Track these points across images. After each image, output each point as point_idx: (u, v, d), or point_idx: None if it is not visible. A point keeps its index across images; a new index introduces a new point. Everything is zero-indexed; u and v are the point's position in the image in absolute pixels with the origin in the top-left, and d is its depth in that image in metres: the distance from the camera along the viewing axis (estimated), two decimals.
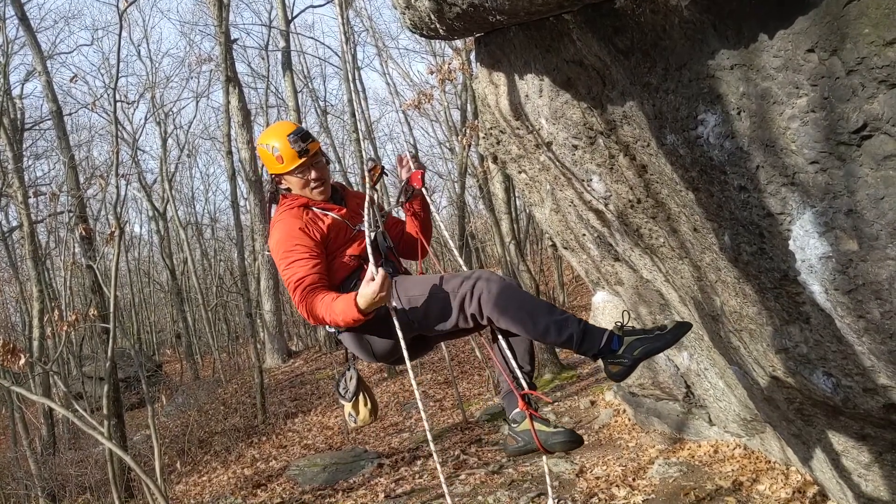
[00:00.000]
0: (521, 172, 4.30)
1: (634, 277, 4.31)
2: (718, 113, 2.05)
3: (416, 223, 2.64)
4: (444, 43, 13.89)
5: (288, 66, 16.19)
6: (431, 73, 10.26)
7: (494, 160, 4.51)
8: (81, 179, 14.26)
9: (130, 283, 24.00)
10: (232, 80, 14.59)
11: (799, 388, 2.71)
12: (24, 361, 5.15)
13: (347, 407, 2.62)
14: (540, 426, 2.23)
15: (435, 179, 20.70)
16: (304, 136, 2.37)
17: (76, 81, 23.71)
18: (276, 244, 2.31)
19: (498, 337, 2.38)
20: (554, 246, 9.49)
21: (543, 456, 2.35)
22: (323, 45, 27.75)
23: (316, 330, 18.89)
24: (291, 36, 17.71)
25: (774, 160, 1.94)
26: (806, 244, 2.02)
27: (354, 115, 15.42)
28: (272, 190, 2.50)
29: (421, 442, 7.88)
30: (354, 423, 2.63)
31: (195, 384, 16.04)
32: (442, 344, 5.48)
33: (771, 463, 4.71)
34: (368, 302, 2.05)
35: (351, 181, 18.87)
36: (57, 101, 11.23)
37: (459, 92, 16.18)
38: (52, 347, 12.32)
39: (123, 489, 7.36)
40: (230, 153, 14.33)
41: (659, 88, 2.23)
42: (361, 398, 2.60)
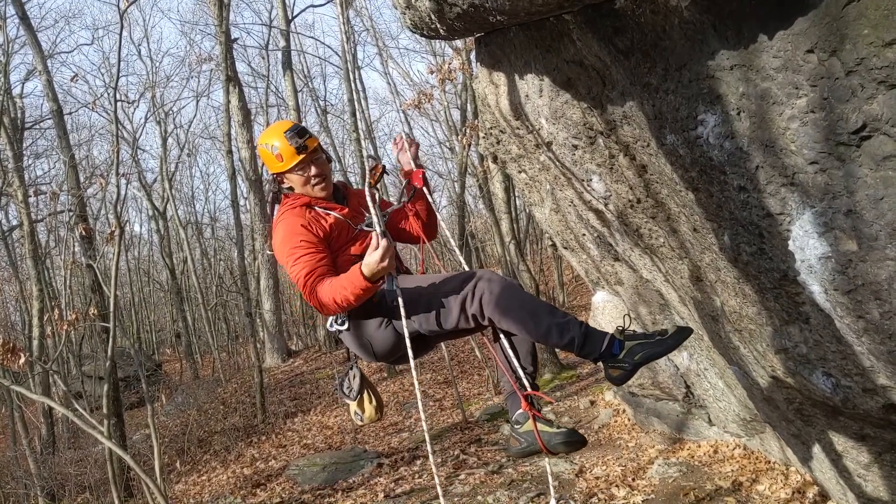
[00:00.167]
0: (521, 172, 4.30)
1: (634, 277, 4.31)
2: (718, 113, 2.05)
3: (417, 222, 2.64)
4: (444, 43, 13.89)
5: (288, 65, 16.19)
6: (431, 72, 10.26)
7: (494, 160, 4.51)
8: (81, 178, 14.27)
9: (130, 282, 24.01)
10: (232, 79, 14.59)
11: (798, 388, 2.71)
12: (23, 360, 5.15)
13: (353, 405, 2.62)
14: (543, 427, 2.23)
15: (435, 179, 20.69)
16: (300, 132, 2.37)
17: (76, 81, 23.75)
18: (279, 243, 2.30)
19: (500, 337, 2.37)
20: (554, 246, 9.49)
21: (545, 456, 2.36)
22: (323, 44, 27.79)
23: (316, 329, 18.88)
24: (292, 35, 17.71)
25: (774, 160, 1.94)
26: (805, 244, 2.02)
27: (354, 114, 15.46)
28: (274, 190, 2.50)
29: (420, 441, 7.88)
30: (361, 420, 2.63)
31: (195, 383, 16.05)
32: (441, 343, 5.48)
33: (771, 463, 4.72)
34: (372, 269, 2.05)
35: (351, 181, 18.86)
36: (57, 100, 11.25)
37: (459, 92, 16.18)
38: (51, 346, 12.32)
39: (123, 488, 7.36)
40: (230, 152, 14.33)
41: (659, 89, 2.23)
42: (366, 396, 2.60)
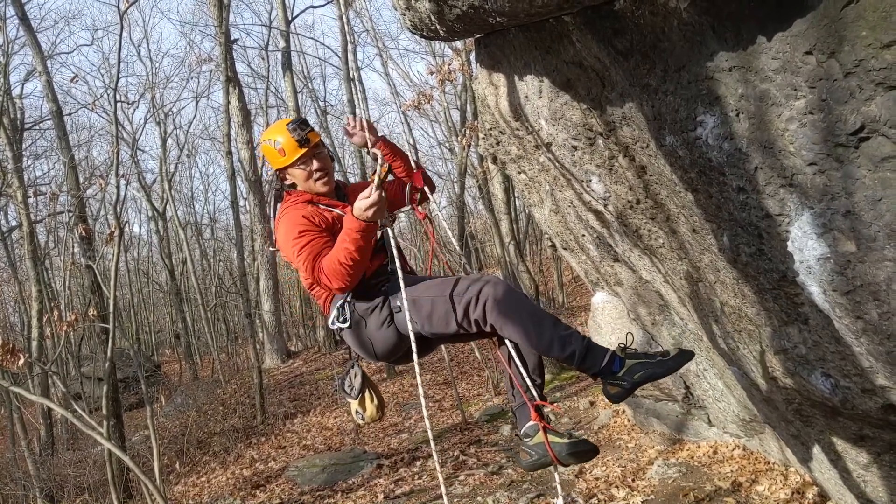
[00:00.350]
0: (520, 173, 4.30)
1: (634, 278, 4.31)
2: (717, 114, 2.06)
3: (405, 179, 2.64)
4: (443, 44, 13.90)
5: (288, 66, 16.18)
6: (431, 73, 10.28)
7: (494, 161, 4.51)
8: (81, 179, 14.27)
9: (129, 283, 24.01)
10: (232, 80, 14.59)
11: (798, 388, 2.71)
12: (22, 361, 5.16)
13: (354, 404, 2.62)
14: (554, 438, 2.22)
15: (435, 180, 20.68)
16: (302, 123, 2.39)
17: (76, 81, 23.75)
18: (283, 237, 2.29)
19: (505, 343, 2.36)
20: (553, 246, 9.49)
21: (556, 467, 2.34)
22: (323, 45, 27.74)
23: (315, 331, 18.88)
24: (291, 36, 17.69)
25: (773, 161, 1.95)
26: (804, 245, 2.02)
27: (354, 115, 15.43)
28: (276, 188, 2.51)
29: (420, 442, 7.87)
30: (362, 420, 2.63)
31: (194, 384, 16.04)
32: (441, 345, 5.48)
33: (770, 464, 4.72)
34: (359, 211, 2.07)
35: (351, 181, 18.83)
36: (57, 100, 11.24)
37: (459, 92, 16.20)
38: (50, 347, 12.32)
39: (122, 490, 7.36)
40: (230, 153, 14.34)
41: (658, 90, 2.24)
42: (367, 395, 2.60)
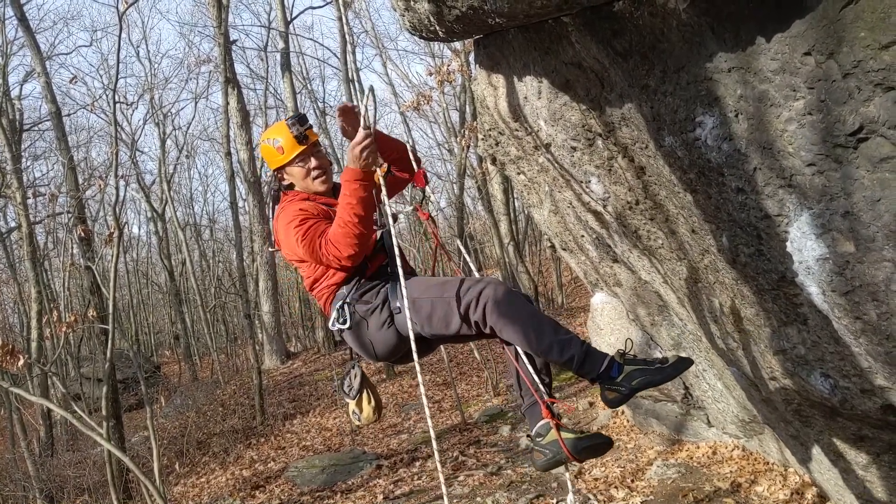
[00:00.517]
0: (519, 174, 4.31)
1: (633, 279, 4.31)
2: (716, 115, 2.06)
3: (399, 164, 2.58)
4: (443, 45, 13.90)
5: (287, 67, 16.19)
6: (430, 74, 10.27)
7: (493, 161, 4.52)
8: (80, 180, 14.28)
9: (129, 284, 23.98)
10: (231, 81, 14.58)
11: (797, 389, 2.71)
12: (22, 363, 5.16)
13: (351, 405, 2.63)
14: (567, 435, 2.23)
15: (434, 181, 20.72)
16: (301, 119, 2.41)
17: (75, 82, 23.74)
18: (283, 230, 2.31)
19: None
20: (552, 247, 9.50)
21: (571, 465, 2.33)
22: (322, 46, 27.68)
23: (314, 331, 18.87)
24: (290, 37, 17.71)
25: (772, 162, 1.95)
26: (803, 246, 2.02)
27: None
28: (275, 188, 2.52)
29: (420, 443, 7.87)
30: (358, 420, 2.63)
31: (193, 385, 16.03)
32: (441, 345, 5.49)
33: (769, 464, 4.72)
34: (353, 158, 2.15)
35: None
36: (56, 101, 11.25)
37: (458, 93, 16.21)
38: (50, 349, 12.30)
39: (122, 491, 7.35)
40: (229, 154, 14.32)
41: (657, 91, 2.24)
42: (365, 396, 2.61)
